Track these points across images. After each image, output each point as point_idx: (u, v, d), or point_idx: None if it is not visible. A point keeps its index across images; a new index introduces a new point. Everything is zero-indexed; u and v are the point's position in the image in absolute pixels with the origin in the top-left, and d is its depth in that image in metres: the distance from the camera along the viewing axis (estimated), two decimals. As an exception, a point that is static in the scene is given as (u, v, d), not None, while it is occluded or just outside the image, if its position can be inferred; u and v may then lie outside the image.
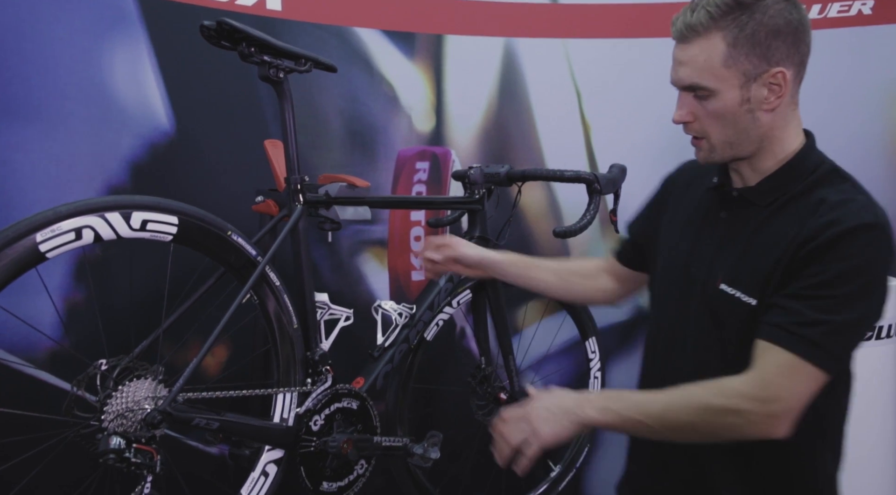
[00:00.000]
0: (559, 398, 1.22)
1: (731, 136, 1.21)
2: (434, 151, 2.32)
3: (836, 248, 1.11)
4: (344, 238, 2.19)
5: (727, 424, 1.13)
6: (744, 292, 1.19)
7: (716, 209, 1.30)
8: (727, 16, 1.15)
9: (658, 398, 1.18)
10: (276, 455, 1.52)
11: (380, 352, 1.74)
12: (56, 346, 1.75)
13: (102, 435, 1.24)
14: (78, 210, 1.23)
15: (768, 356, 1.12)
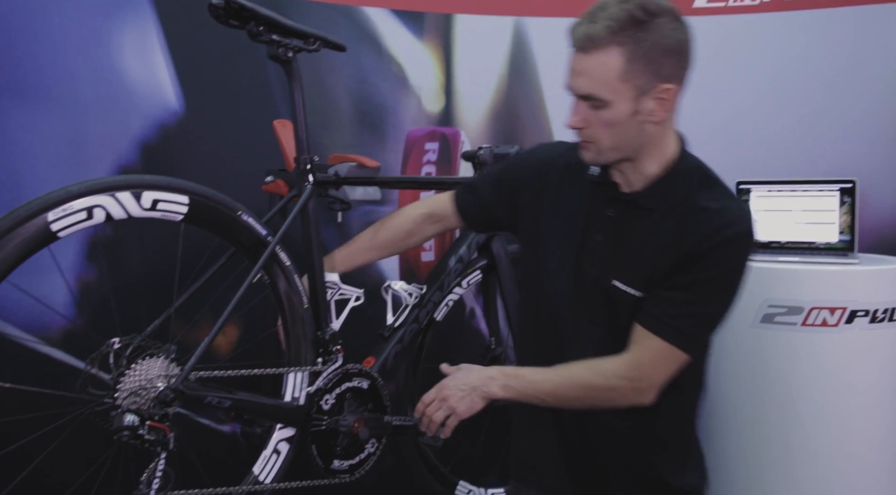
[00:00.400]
0: (468, 376, 1.38)
1: (618, 143, 1.28)
2: (443, 132, 2.31)
3: (715, 254, 1.26)
4: (354, 218, 2.19)
5: (605, 398, 1.33)
6: (633, 288, 1.32)
7: (602, 206, 1.38)
8: (625, 31, 1.21)
9: (549, 378, 1.35)
10: (288, 433, 1.53)
11: (390, 333, 1.75)
12: (69, 325, 1.77)
13: (116, 413, 1.25)
14: (89, 189, 1.23)
15: (643, 341, 1.29)
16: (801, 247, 2.05)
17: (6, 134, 1.73)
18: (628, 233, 1.34)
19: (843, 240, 2.02)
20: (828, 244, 2.03)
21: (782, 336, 1.90)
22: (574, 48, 1.25)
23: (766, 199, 2.11)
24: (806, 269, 1.92)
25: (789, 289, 1.90)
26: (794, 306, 1.88)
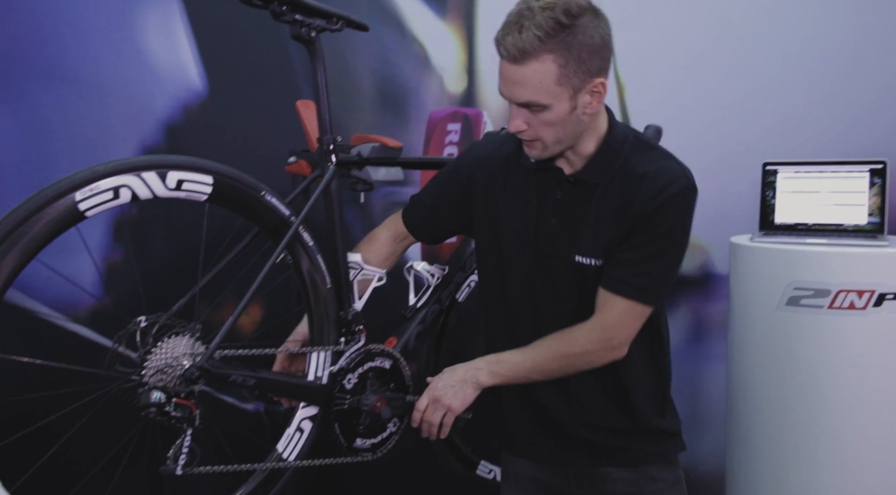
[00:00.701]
0: (453, 373, 1.47)
1: (560, 137, 1.36)
2: (466, 112, 2.30)
3: (661, 213, 1.36)
4: (376, 199, 2.19)
5: (583, 362, 1.43)
6: (594, 258, 1.42)
7: (550, 190, 1.45)
8: (554, 38, 1.26)
9: (528, 356, 1.44)
10: (311, 411, 1.54)
11: (412, 313, 1.75)
12: (96, 304, 1.80)
13: (143, 390, 1.27)
14: (115, 169, 1.24)
15: (608, 303, 1.41)
16: (829, 229, 2.02)
17: (33, 115, 1.75)
18: (579, 210, 1.43)
19: (872, 223, 1.98)
20: (856, 226, 2.00)
21: (808, 319, 1.88)
22: (505, 59, 1.30)
23: (793, 181, 2.08)
24: (834, 251, 1.89)
25: (816, 271, 1.87)
26: (821, 289, 1.85)
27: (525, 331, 1.50)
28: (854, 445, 1.87)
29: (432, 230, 1.66)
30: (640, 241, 1.38)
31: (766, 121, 2.36)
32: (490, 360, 1.47)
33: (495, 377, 1.45)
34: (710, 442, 2.49)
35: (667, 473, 1.56)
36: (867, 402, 1.86)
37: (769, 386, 1.97)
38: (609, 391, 1.50)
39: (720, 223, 2.35)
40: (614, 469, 1.54)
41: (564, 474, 1.59)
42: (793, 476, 1.93)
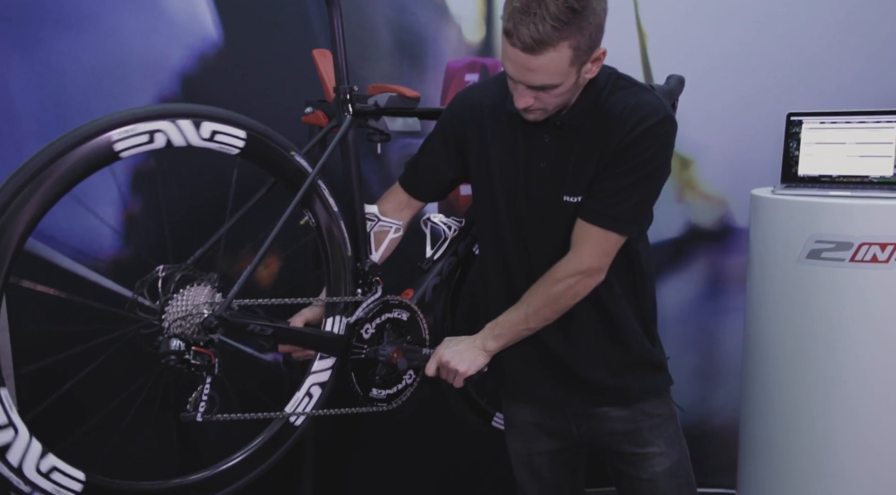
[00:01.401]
0: (458, 343, 1.54)
1: (563, 102, 1.40)
2: (484, 63, 2.26)
3: (638, 143, 1.39)
4: (392, 151, 2.17)
5: (570, 298, 1.48)
6: (578, 195, 1.46)
7: (538, 134, 1.48)
8: (568, 25, 1.26)
9: (521, 310, 1.50)
10: (322, 378, 1.55)
11: (429, 265, 1.75)
12: (117, 254, 1.81)
13: (163, 337, 1.29)
14: (153, 114, 1.25)
15: (584, 234, 1.45)
16: (854, 181, 1.99)
17: (50, 65, 1.74)
18: (565, 152, 1.46)
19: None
20: (882, 178, 1.96)
21: (828, 272, 1.86)
22: (518, 48, 1.29)
23: (818, 132, 2.03)
24: (857, 203, 1.85)
25: (838, 223, 1.84)
26: (843, 241, 1.83)
27: (519, 275, 1.55)
28: (869, 400, 1.86)
29: (436, 187, 1.67)
30: (618, 172, 1.42)
31: (791, 70, 2.31)
32: (489, 326, 1.54)
33: (499, 340, 1.52)
34: (725, 395, 2.51)
35: (661, 408, 1.62)
36: (885, 356, 1.85)
37: (786, 339, 1.96)
38: (601, 322, 1.56)
39: (741, 175, 2.32)
40: (611, 408, 1.59)
41: (564, 416, 1.64)
42: (806, 429, 1.93)
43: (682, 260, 2.47)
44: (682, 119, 1.67)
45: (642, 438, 1.60)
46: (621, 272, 1.53)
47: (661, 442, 1.60)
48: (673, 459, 1.61)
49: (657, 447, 1.60)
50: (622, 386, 1.58)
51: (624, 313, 1.56)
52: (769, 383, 2.02)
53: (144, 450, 1.87)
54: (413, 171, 1.66)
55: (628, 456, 1.61)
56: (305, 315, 1.59)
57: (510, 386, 1.68)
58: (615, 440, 1.61)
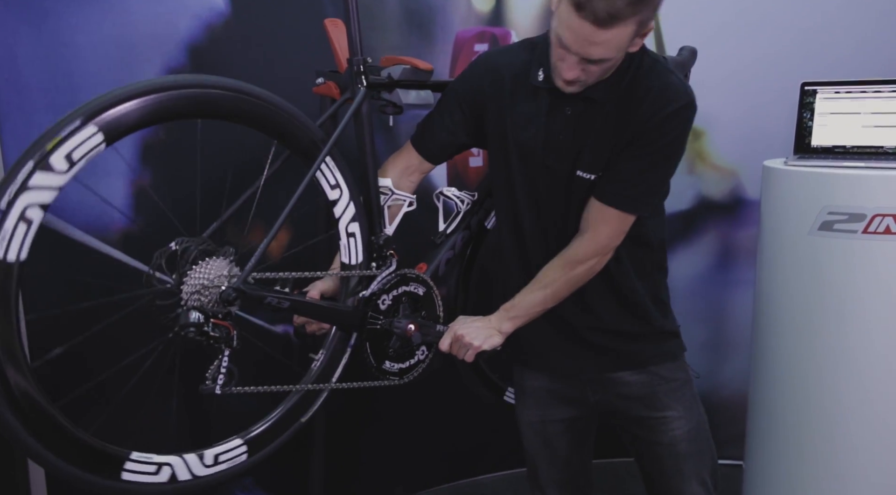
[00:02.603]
0: (473, 322, 1.53)
1: (604, 73, 1.38)
2: (493, 32, 2.23)
3: (660, 127, 1.40)
4: (404, 124, 2.15)
5: (585, 276, 1.50)
6: (594, 173, 1.46)
7: (560, 106, 1.46)
8: (643, 2, 1.25)
9: (537, 290, 1.51)
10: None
11: (442, 239, 1.74)
12: (129, 227, 1.80)
13: (182, 310, 1.29)
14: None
15: (602, 215, 1.46)
16: (868, 152, 1.97)
17: (58, 36, 1.72)
18: (586, 126, 1.45)
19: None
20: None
21: (841, 244, 1.85)
22: (589, 20, 1.25)
23: (832, 102, 2.01)
24: (869, 174, 1.84)
25: (851, 194, 1.83)
26: (856, 213, 1.82)
27: (534, 246, 1.56)
28: (879, 372, 1.87)
29: (447, 151, 1.66)
30: (637, 154, 1.42)
31: (803, 37, 2.28)
32: (505, 307, 1.53)
33: (515, 321, 1.52)
34: (734, 366, 2.52)
35: (676, 373, 1.62)
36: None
37: (796, 312, 1.97)
38: (612, 293, 1.56)
39: (753, 147, 2.31)
40: (626, 372, 1.60)
41: (579, 383, 1.64)
42: (815, 401, 1.94)
43: (693, 232, 2.47)
44: (694, 89, 1.66)
45: (660, 402, 1.60)
46: (629, 245, 1.53)
47: (679, 405, 1.60)
48: (692, 423, 1.61)
49: (675, 411, 1.60)
50: (637, 350, 1.59)
51: (633, 285, 1.57)
52: (779, 355, 2.02)
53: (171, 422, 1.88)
54: (428, 133, 1.64)
55: (646, 419, 1.61)
56: (320, 286, 1.59)
57: (524, 355, 1.69)
58: (632, 404, 1.61)
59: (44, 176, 1.15)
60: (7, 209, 1.13)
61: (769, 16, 2.29)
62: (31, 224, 1.14)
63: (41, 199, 1.15)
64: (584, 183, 1.47)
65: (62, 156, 1.16)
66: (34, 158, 1.15)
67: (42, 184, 1.15)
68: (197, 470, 1.35)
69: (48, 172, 1.15)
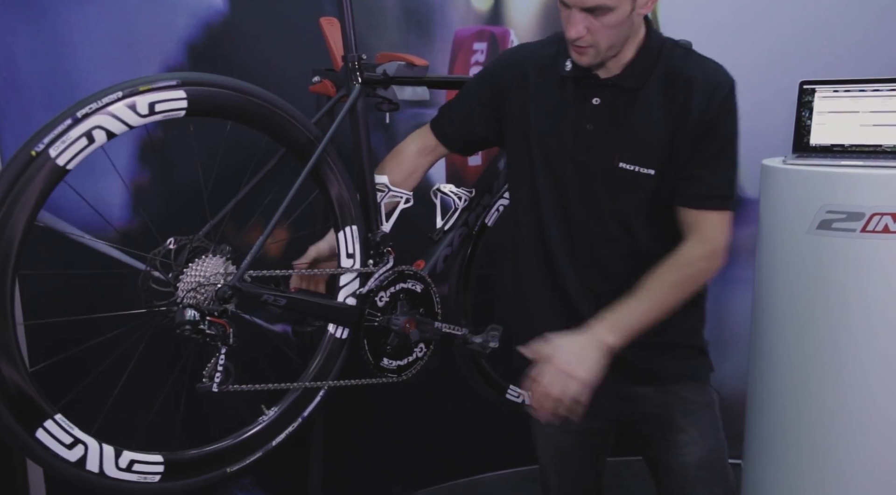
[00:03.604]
0: (571, 344, 1.34)
1: (614, 41, 1.34)
2: (492, 31, 2.23)
3: (721, 117, 1.38)
4: (401, 121, 2.16)
5: (695, 284, 1.44)
6: (642, 166, 1.40)
7: (587, 96, 1.43)
8: None
9: (643, 297, 1.38)
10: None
11: (439, 236, 1.74)
12: (125, 226, 1.80)
13: (177, 308, 1.29)
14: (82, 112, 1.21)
15: (705, 221, 1.41)
16: (867, 151, 1.97)
17: (56, 34, 1.72)
18: (618, 116, 1.41)
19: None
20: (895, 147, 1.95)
21: (839, 243, 1.84)
22: None
23: (830, 100, 2.01)
24: (868, 173, 1.84)
25: (849, 193, 1.83)
26: (854, 212, 1.81)
27: (558, 247, 1.50)
28: (879, 371, 1.86)
29: (464, 137, 1.63)
30: (713, 152, 1.40)
31: (801, 35, 2.28)
32: (607, 319, 1.38)
33: (619, 333, 1.36)
34: (733, 365, 2.51)
35: (698, 394, 1.56)
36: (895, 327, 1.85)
37: (795, 311, 1.96)
38: None
39: (752, 145, 2.27)
40: (646, 389, 1.55)
41: (597, 394, 1.52)
42: (814, 400, 1.94)
43: (691, 230, 2.46)
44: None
45: (675, 423, 1.53)
46: (671, 244, 1.45)
47: (694, 429, 1.53)
48: (705, 449, 1.53)
49: (688, 435, 1.53)
50: (659, 366, 1.53)
51: None
52: (777, 354, 2.02)
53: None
54: (445, 117, 1.63)
55: (658, 440, 1.56)
56: (316, 249, 1.57)
57: None
58: (648, 423, 1.56)
59: (124, 109, 1.21)
60: (81, 119, 1.17)
61: (767, 14, 2.28)
62: (92, 143, 1.19)
63: (110, 127, 1.20)
64: (630, 176, 1.42)
65: (147, 101, 1.23)
66: (124, 90, 1.21)
67: (118, 115, 1.21)
68: (107, 467, 1.26)
69: (129, 109, 1.21)
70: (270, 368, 1.55)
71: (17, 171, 1.14)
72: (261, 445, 1.46)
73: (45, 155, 1.15)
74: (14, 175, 1.13)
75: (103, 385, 1.52)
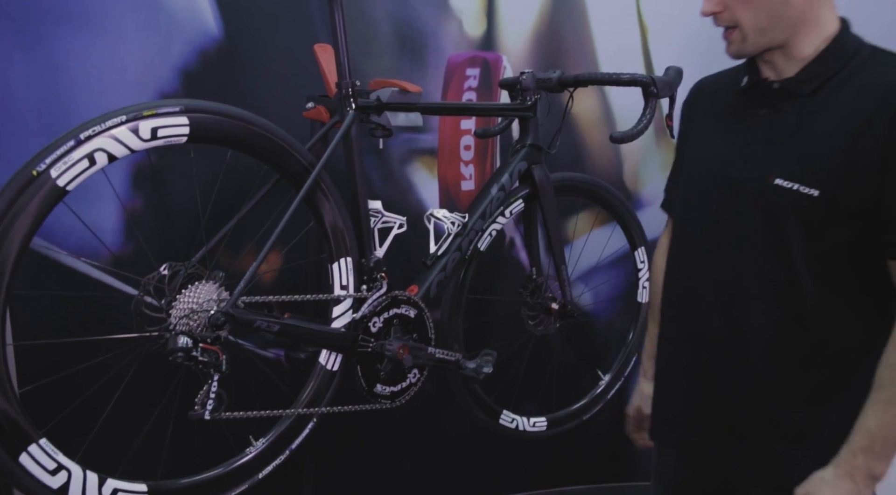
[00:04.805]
0: (836, 487, 1.13)
1: (762, 21, 1.16)
2: (485, 57, 2.25)
3: None
4: (394, 147, 2.17)
5: None
6: (803, 184, 1.14)
7: (753, 108, 1.25)
8: None
9: (877, 408, 1.12)
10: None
11: (433, 261, 1.75)
12: (120, 250, 1.80)
13: (170, 335, 1.28)
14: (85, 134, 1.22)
15: None
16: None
17: (50, 61, 1.73)
18: (783, 125, 1.19)
19: None
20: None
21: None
22: None
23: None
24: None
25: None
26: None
27: (704, 282, 1.28)
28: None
29: None
30: None
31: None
32: (856, 445, 1.14)
33: (880, 456, 1.12)
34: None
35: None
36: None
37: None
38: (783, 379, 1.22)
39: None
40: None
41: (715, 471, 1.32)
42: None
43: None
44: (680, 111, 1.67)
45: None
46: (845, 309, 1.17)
47: None
48: None
49: None
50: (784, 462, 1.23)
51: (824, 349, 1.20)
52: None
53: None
54: (668, 192, 1.52)
55: None
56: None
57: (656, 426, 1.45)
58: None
59: (127, 132, 1.23)
60: (84, 141, 1.19)
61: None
62: (93, 165, 1.21)
63: (112, 150, 1.22)
64: (790, 195, 1.15)
65: (150, 126, 1.25)
66: (128, 114, 1.23)
67: (121, 138, 1.22)
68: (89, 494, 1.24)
69: (132, 133, 1.23)
70: (260, 395, 1.54)
71: (17, 190, 1.14)
72: (247, 477, 1.45)
73: (46, 175, 1.16)
74: (14, 194, 1.14)
75: (91, 410, 1.51)
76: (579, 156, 2.37)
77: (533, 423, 2.07)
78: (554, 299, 2.02)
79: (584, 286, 2.43)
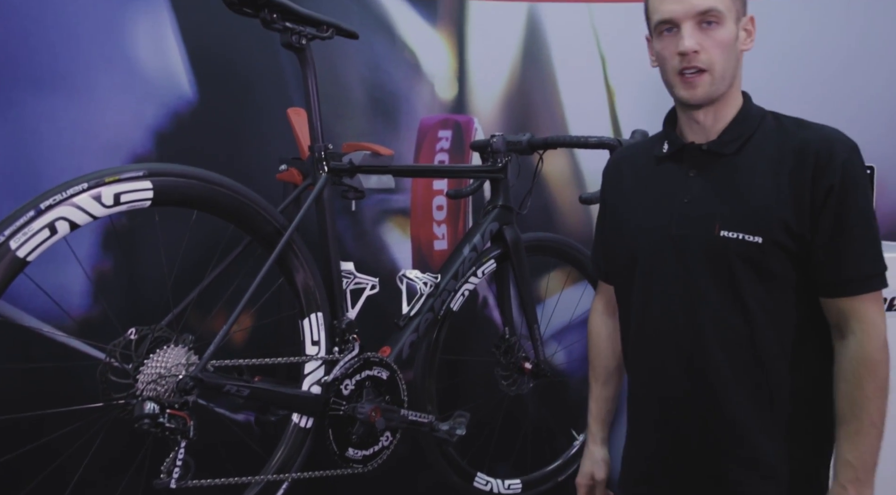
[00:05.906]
0: None
1: (727, 69, 1.27)
2: (457, 119, 2.30)
3: (849, 181, 1.20)
4: (367, 208, 2.18)
5: (886, 379, 1.22)
6: (746, 233, 1.24)
7: (682, 171, 1.33)
8: None
9: (849, 442, 1.21)
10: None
11: (405, 322, 1.74)
12: (85, 315, 1.77)
13: (136, 401, 1.26)
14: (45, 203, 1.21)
15: (862, 307, 1.22)
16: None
17: (23, 123, 1.73)
18: (717, 182, 1.29)
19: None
20: None
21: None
22: None
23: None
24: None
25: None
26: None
27: (667, 345, 1.32)
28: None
29: None
30: (852, 223, 1.21)
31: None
32: (843, 479, 1.22)
33: (864, 483, 1.21)
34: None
35: None
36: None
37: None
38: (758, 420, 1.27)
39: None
40: None
41: None
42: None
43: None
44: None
45: None
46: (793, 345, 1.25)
47: None
48: None
49: None
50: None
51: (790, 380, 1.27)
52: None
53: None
54: (595, 255, 1.57)
55: None
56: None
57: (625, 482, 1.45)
58: None
59: (89, 200, 1.23)
60: (44, 211, 1.19)
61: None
62: (54, 234, 1.20)
63: (74, 218, 1.21)
64: (736, 244, 1.24)
65: (113, 192, 1.25)
66: (89, 182, 1.23)
67: (83, 206, 1.22)
68: None
69: (94, 200, 1.23)
70: (232, 457, 1.51)
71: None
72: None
73: (5, 246, 1.15)
74: None
75: (60, 480, 1.46)
76: (550, 217, 2.40)
77: (507, 486, 2.04)
78: (527, 358, 2.02)
79: (557, 344, 2.43)
